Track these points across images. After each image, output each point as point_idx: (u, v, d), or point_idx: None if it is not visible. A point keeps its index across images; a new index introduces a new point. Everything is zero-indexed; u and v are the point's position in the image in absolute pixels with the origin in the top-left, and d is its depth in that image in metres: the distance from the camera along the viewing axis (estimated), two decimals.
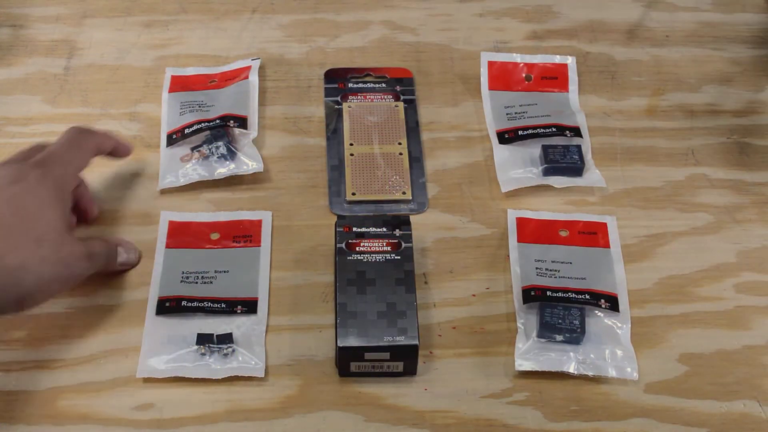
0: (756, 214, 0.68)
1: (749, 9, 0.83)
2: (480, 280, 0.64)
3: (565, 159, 0.68)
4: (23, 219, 0.53)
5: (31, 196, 0.54)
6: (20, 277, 0.52)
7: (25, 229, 0.53)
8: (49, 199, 0.55)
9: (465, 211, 0.68)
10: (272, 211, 0.67)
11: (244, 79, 0.74)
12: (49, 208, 0.55)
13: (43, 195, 0.55)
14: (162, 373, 0.58)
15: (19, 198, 0.53)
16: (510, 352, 0.60)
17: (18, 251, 0.52)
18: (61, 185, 0.57)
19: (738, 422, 0.57)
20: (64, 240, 0.55)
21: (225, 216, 0.66)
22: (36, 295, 0.54)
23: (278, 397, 0.58)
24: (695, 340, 0.61)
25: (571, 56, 0.76)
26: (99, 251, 0.59)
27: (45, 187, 0.55)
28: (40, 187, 0.55)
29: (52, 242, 0.54)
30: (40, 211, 0.54)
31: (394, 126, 0.72)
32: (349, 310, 0.57)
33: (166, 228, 0.65)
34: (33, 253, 0.53)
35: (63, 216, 0.56)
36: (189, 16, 0.80)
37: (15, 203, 0.53)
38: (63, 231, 0.55)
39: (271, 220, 0.66)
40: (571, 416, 0.57)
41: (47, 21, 0.79)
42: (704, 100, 0.75)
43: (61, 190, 0.57)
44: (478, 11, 0.82)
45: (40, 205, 0.54)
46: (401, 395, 0.58)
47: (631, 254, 0.65)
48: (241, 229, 0.65)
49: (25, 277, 0.53)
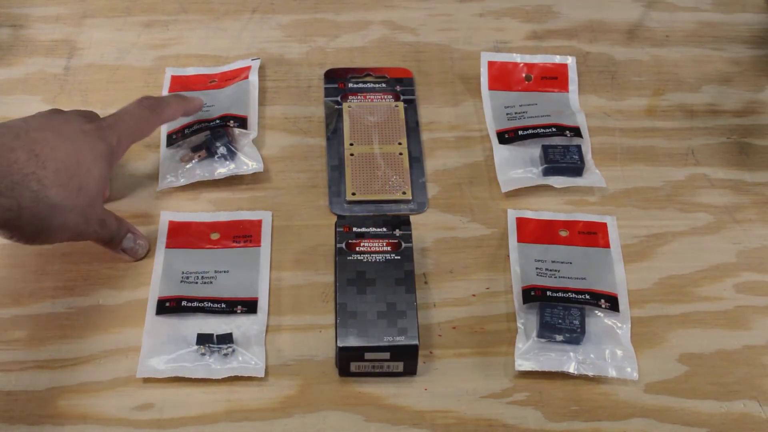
0: (756, 214, 0.68)
1: (749, 9, 0.83)
2: (480, 280, 0.64)
3: (565, 159, 0.68)
4: (80, 166, 0.57)
5: (91, 151, 0.58)
6: (52, 214, 0.56)
7: (77, 175, 0.57)
8: (103, 160, 0.59)
9: (465, 211, 0.68)
10: (272, 211, 0.67)
11: (244, 79, 0.74)
12: (100, 167, 0.59)
13: (100, 154, 0.59)
14: (162, 373, 0.58)
15: (83, 149, 0.58)
16: (510, 352, 0.60)
17: (62, 189, 0.56)
18: (115, 152, 0.61)
19: (738, 422, 0.57)
20: (97, 199, 0.59)
21: (225, 216, 0.66)
22: (52, 234, 0.57)
23: (278, 397, 0.58)
24: (695, 340, 0.61)
25: (571, 56, 0.76)
26: (111, 223, 0.62)
27: (104, 147, 0.59)
28: (101, 146, 0.59)
29: (89, 197, 0.58)
30: (94, 166, 0.58)
31: (394, 126, 0.72)
32: (349, 310, 0.57)
33: (166, 228, 0.65)
34: (72, 198, 0.56)
35: (105, 178, 0.60)
36: (189, 16, 0.80)
37: (80, 151, 0.57)
38: (99, 191, 0.59)
39: (271, 220, 0.66)
40: (571, 416, 0.57)
41: (47, 21, 0.79)
42: (704, 100, 0.75)
43: (113, 156, 0.61)
44: (478, 11, 0.82)
45: (95, 161, 0.58)
46: (401, 395, 0.58)
47: (631, 254, 0.65)
48: (241, 229, 0.65)
49: (55, 215, 0.56)
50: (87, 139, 0.59)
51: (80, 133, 0.59)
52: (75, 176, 0.56)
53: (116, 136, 0.61)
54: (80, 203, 0.57)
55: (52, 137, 0.56)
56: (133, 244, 0.63)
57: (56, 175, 0.55)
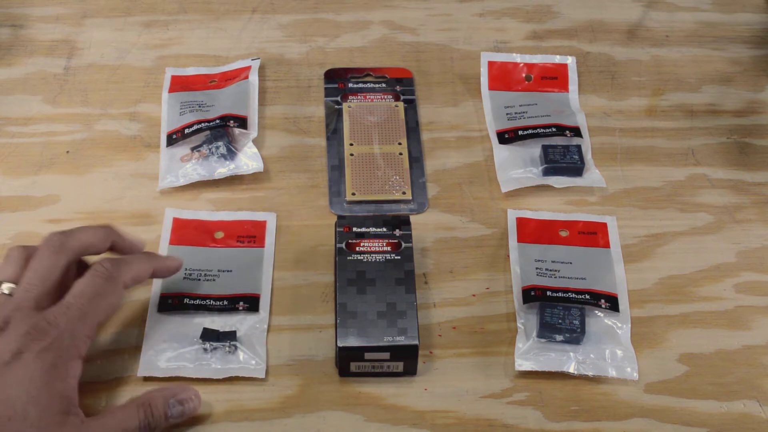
0: (756, 214, 0.68)
1: (749, 9, 0.83)
2: (480, 280, 0.64)
3: (565, 159, 0.68)
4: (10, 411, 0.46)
5: (19, 384, 0.47)
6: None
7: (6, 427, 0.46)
8: (43, 388, 0.48)
9: (465, 211, 0.68)
10: (275, 212, 0.66)
11: (244, 79, 0.74)
12: (42, 398, 0.48)
13: (37, 383, 0.47)
14: (163, 372, 0.58)
15: (8, 385, 0.47)
16: (510, 352, 0.60)
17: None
18: (63, 362, 0.49)
19: (738, 422, 0.57)
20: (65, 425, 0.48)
21: (229, 216, 0.66)
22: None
23: (278, 397, 0.58)
24: (695, 340, 0.61)
25: (571, 56, 0.77)
26: (130, 426, 0.51)
27: (41, 368, 0.48)
28: (35, 370, 0.48)
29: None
30: (31, 404, 0.47)
31: (394, 126, 0.72)
32: (349, 310, 0.57)
33: (170, 225, 0.65)
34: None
35: (57, 399, 0.48)
36: (189, 16, 0.80)
37: (5, 391, 0.47)
38: (57, 419, 0.48)
39: (275, 222, 0.66)
40: (571, 416, 0.57)
41: (47, 21, 0.80)
42: (704, 100, 0.75)
43: (63, 368, 0.49)
44: (478, 11, 0.82)
45: (30, 398, 0.47)
46: (401, 395, 0.58)
47: (631, 254, 0.65)
48: (245, 230, 0.65)
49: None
50: (13, 370, 0.47)
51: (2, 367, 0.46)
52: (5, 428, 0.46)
53: (58, 340, 0.49)
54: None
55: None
56: (182, 406, 0.54)
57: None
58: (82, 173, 0.69)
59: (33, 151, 0.70)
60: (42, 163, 0.69)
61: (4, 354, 0.48)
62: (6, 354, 0.48)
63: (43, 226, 0.65)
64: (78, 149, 0.70)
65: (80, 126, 0.72)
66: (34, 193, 0.67)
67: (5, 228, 0.65)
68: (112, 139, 0.71)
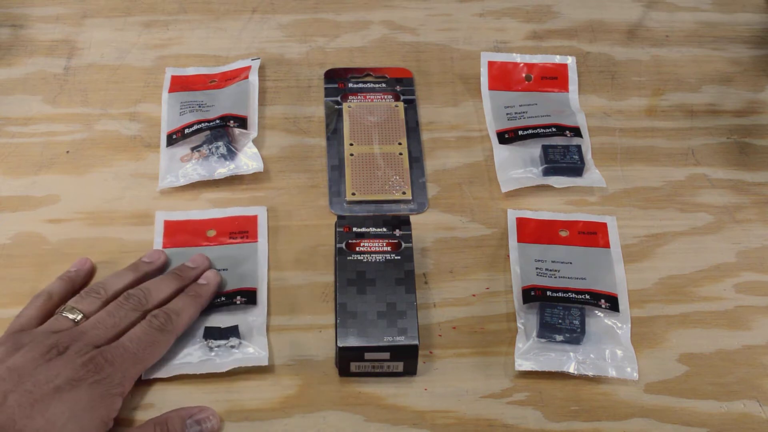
0: (756, 214, 0.68)
1: (749, 9, 0.83)
2: (480, 280, 0.64)
3: (565, 159, 0.68)
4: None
5: (66, 413, 0.50)
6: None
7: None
8: (87, 412, 0.51)
9: (465, 211, 0.68)
10: (267, 206, 0.66)
11: (244, 79, 0.74)
12: (82, 423, 0.51)
13: (83, 407, 0.51)
14: (164, 371, 0.58)
15: (56, 410, 0.50)
16: (510, 352, 0.60)
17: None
18: (110, 397, 0.53)
19: (738, 422, 0.57)
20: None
21: (220, 213, 0.66)
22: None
23: (278, 397, 0.58)
24: (695, 340, 0.61)
25: (571, 56, 0.77)
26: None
27: (90, 397, 0.51)
28: (84, 399, 0.51)
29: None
30: (72, 422, 0.50)
31: (394, 126, 0.72)
32: (349, 310, 0.57)
33: (162, 228, 0.65)
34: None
35: (95, 429, 0.52)
36: (189, 16, 0.80)
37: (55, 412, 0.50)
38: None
39: (266, 215, 0.66)
40: (571, 416, 0.57)
41: (47, 21, 0.80)
42: (704, 100, 0.75)
43: (108, 401, 0.52)
44: (478, 11, 0.82)
45: (74, 419, 0.50)
46: (401, 395, 0.58)
47: (631, 254, 0.65)
48: (237, 225, 0.65)
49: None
50: (64, 396, 0.50)
51: (55, 392, 0.50)
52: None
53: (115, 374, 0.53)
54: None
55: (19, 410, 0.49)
56: (200, 426, 0.55)
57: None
58: (82, 173, 0.69)
59: (33, 151, 0.70)
60: (42, 163, 0.69)
61: (57, 378, 0.51)
62: (60, 378, 0.51)
63: (42, 226, 0.65)
64: (78, 149, 0.70)
65: (80, 126, 0.72)
66: (34, 193, 0.67)
67: (5, 228, 0.65)
68: (112, 139, 0.71)
